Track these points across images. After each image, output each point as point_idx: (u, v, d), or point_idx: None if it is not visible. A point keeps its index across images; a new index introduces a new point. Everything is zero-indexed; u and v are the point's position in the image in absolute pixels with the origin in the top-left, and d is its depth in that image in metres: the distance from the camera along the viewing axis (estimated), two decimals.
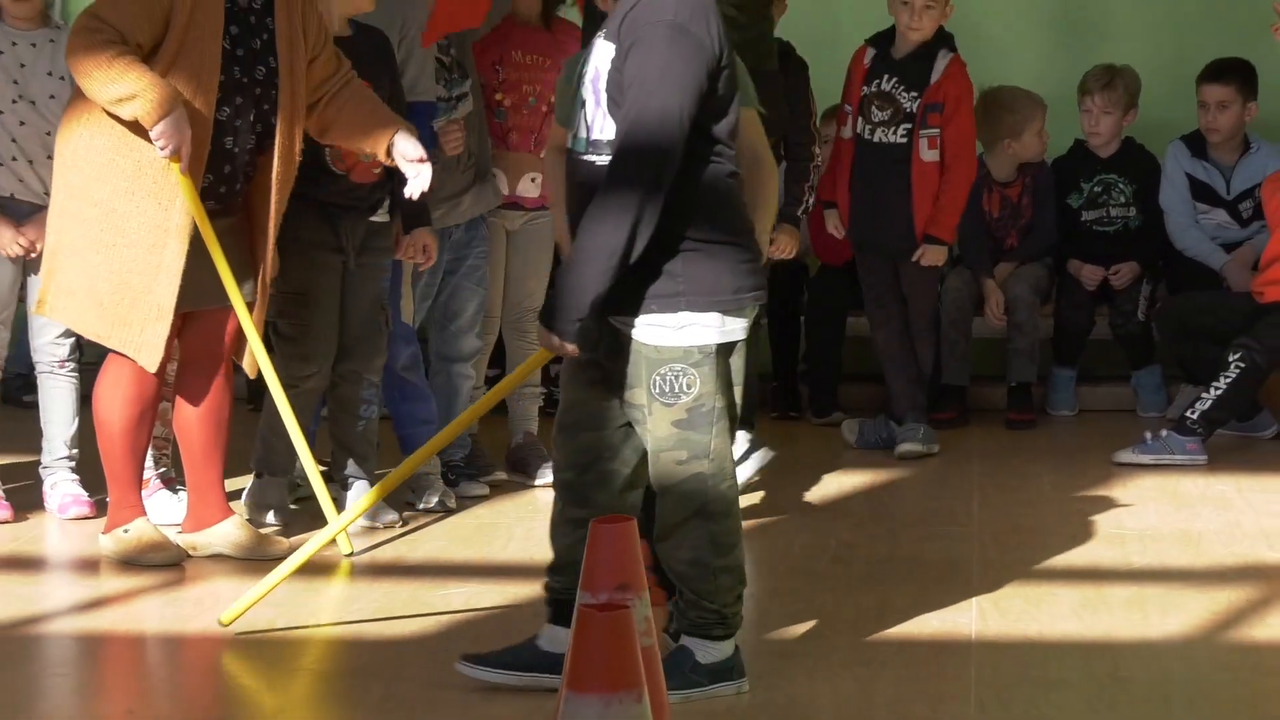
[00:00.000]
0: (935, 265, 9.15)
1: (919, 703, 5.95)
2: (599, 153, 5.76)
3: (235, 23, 7.03)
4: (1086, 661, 6.34)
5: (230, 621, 6.46)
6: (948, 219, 9.06)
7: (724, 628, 5.91)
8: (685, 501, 5.86)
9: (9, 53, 7.74)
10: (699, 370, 5.76)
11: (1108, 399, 10.13)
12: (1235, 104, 9.95)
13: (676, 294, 5.72)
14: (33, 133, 7.66)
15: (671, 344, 5.75)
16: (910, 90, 9.02)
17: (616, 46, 5.73)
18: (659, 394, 5.78)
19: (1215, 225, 10.02)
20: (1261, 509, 8.26)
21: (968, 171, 9.12)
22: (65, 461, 7.94)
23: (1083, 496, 8.45)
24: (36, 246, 7.67)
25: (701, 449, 5.82)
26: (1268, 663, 6.38)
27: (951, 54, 9.07)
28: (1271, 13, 9.27)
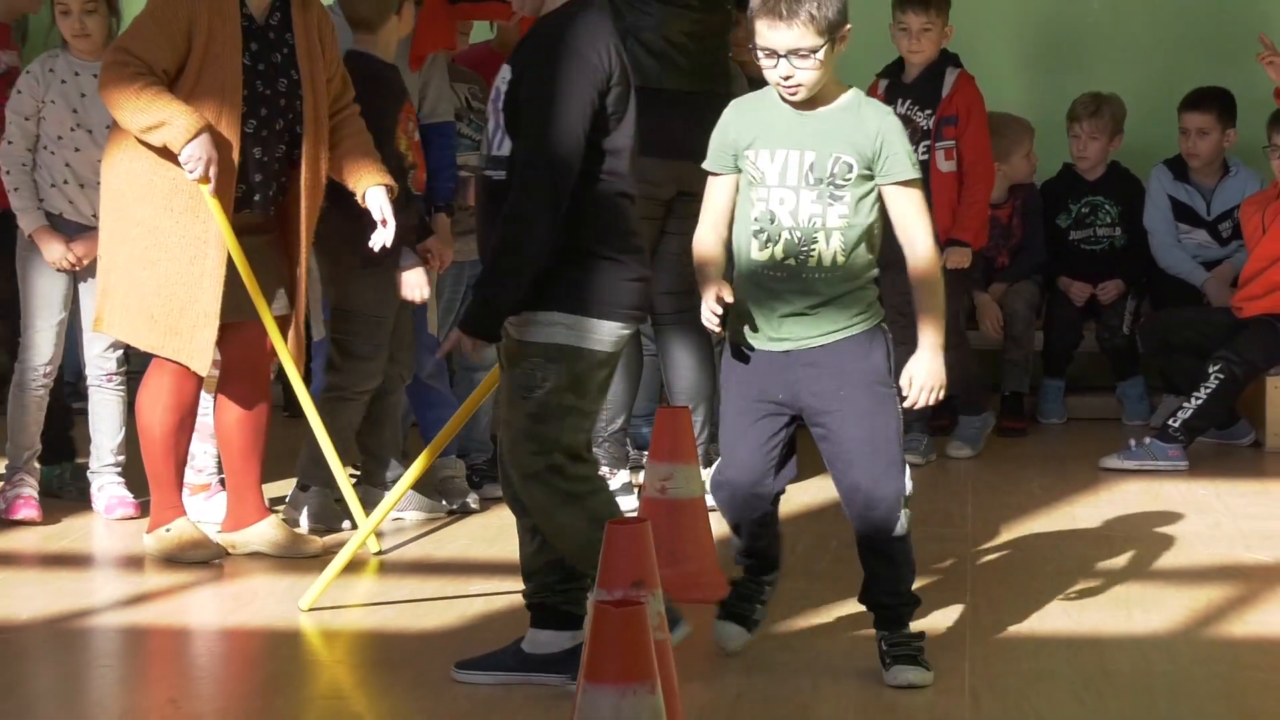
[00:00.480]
0: (960, 267, 9.06)
1: (917, 695, 5.95)
2: (498, 169, 5.81)
3: (254, 39, 7.07)
4: (1074, 655, 6.35)
5: (311, 606, 6.62)
6: (969, 221, 9.03)
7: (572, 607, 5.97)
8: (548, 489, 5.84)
9: (71, 82, 7.76)
10: (552, 367, 5.76)
11: (1094, 408, 10.13)
12: (1215, 131, 9.96)
13: (547, 295, 5.75)
14: (86, 159, 7.69)
15: (532, 339, 5.77)
16: (924, 109, 9.02)
17: (513, 69, 5.79)
18: (515, 388, 5.80)
19: (1196, 244, 10.03)
20: (1239, 512, 8.27)
21: (985, 177, 9.11)
22: (112, 467, 7.96)
23: (1071, 500, 8.45)
24: (83, 261, 7.71)
25: (552, 443, 5.80)
26: (1245, 657, 6.38)
27: (959, 70, 9.07)
28: (1250, 43, 9.29)
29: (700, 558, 6.93)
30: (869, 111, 5.86)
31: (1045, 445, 9.63)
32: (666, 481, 6.87)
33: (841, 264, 5.86)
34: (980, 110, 9.10)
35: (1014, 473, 8.95)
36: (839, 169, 5.79)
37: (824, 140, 5.80)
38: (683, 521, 6.87)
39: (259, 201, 7.13)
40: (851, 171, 5.79)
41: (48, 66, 7.81)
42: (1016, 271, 10.03)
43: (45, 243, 7.73)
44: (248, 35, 7.04)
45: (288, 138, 7.13)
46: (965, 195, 9.00)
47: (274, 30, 7.11)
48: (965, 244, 9.05)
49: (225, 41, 6.97)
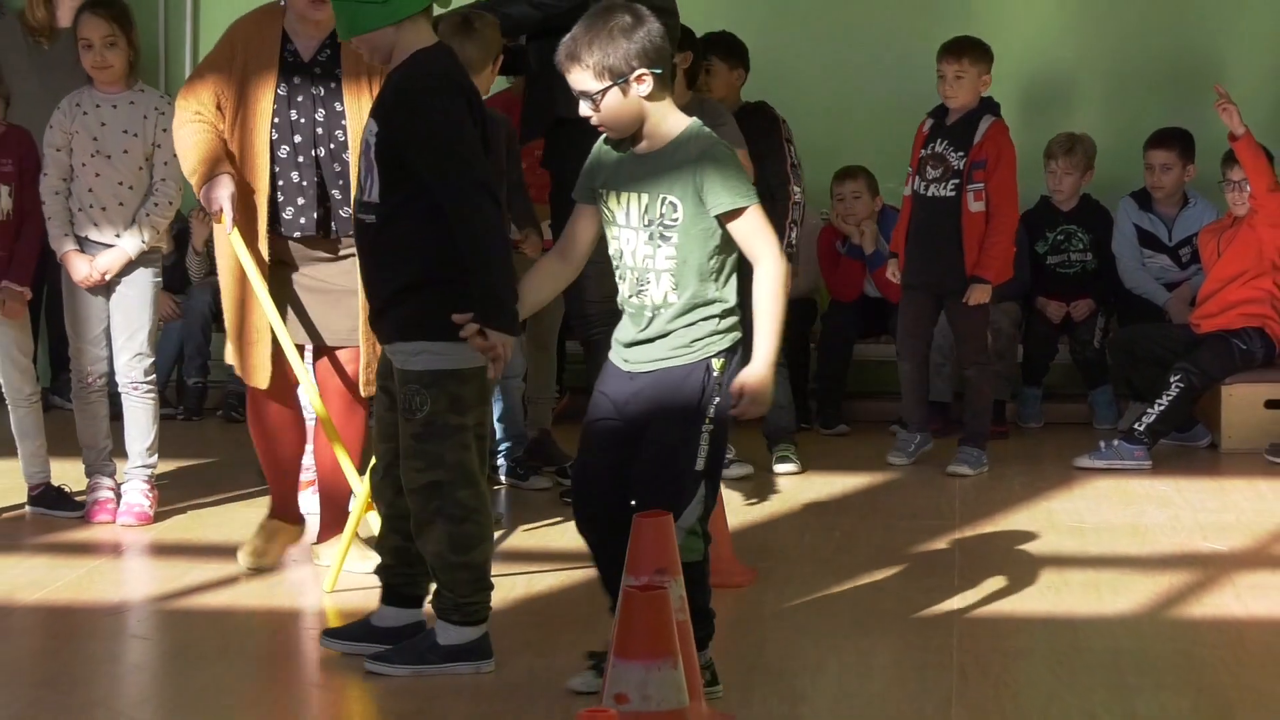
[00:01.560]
0: (982, 303, 8.92)
1: (910, 669, 5.96)
2: (368, 213, 5.78)
3: (296, 73, 6.73)
4: (1051, 634, 6.33)
5: (332, 588, 6.58)
6: (991, 260, 8.87)
7: (460, 614, 5.78)
8: (426, 504, 5.77)
9: (92, 113, 7.72)
10: (430, 391, 5.70)
11: (1068, 414, 10.09)
12: (1176, 166, 9.94)
13: (417, 323, 5.71)
14: (106, 183, 7.62)
15: (408, 368, 5.74)
16: (958, 150, 8.92)
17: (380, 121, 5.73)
18: (402, 410, 5.76)
19: (1159, 268, 10.00)
20: (1198, 506, 8.24)
21: (1009, 220, 8.94)
22: (141, 470, 7.75)
23: (1048, 495, 8.42)
24: (107, 276, 7.69)
25: (436, 460, 5.74)
26: (1203, 636, 6.36)
27: (994, 119, 8.94)
28: (1205, 89, 9.27)
29: (717, 546, 6.83)
30: (692, 147, 5.44)
31: (1025, 447, 9.59)
32: None
33: (672, 303, 5.43)
34: (1010, 157, 8.93)
35: (997, 471, 8.91)
36: (665, 210, 5.42)
37: (653, 182, 5.45)
38: None
39: (304, 223, 6.74)
40: (677, 211, 5.40)
41: (74, 101, 7.76)
42: (1002, 293, 10.00)
43: (73, 264, 7.67)
44: (289, 69, 6.75)
45: (337, 166, 6.76)
46: (989, 236, 8.83)
47: (321, 65, 6.75)
48: (986, 281, 8.89)
49: (261, 74, 6.73)
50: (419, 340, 5.72)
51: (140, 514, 7.71)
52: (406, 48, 5.74)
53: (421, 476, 5.76)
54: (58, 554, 7.20)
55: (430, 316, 5.68)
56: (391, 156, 5.71)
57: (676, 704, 4.63)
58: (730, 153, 5.46)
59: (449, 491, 5.75)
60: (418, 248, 5.72)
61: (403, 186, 5.71)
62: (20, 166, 7.77)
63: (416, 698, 5.60)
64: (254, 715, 5.61)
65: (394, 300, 5.75)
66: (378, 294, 5.83)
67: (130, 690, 5.89)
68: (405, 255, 5.74)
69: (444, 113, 5.66)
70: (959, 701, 5.64)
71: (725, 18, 9.30)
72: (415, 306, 5.71)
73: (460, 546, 5.77)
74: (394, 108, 5.72)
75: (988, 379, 9.04)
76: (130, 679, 5.96)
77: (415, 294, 5.71)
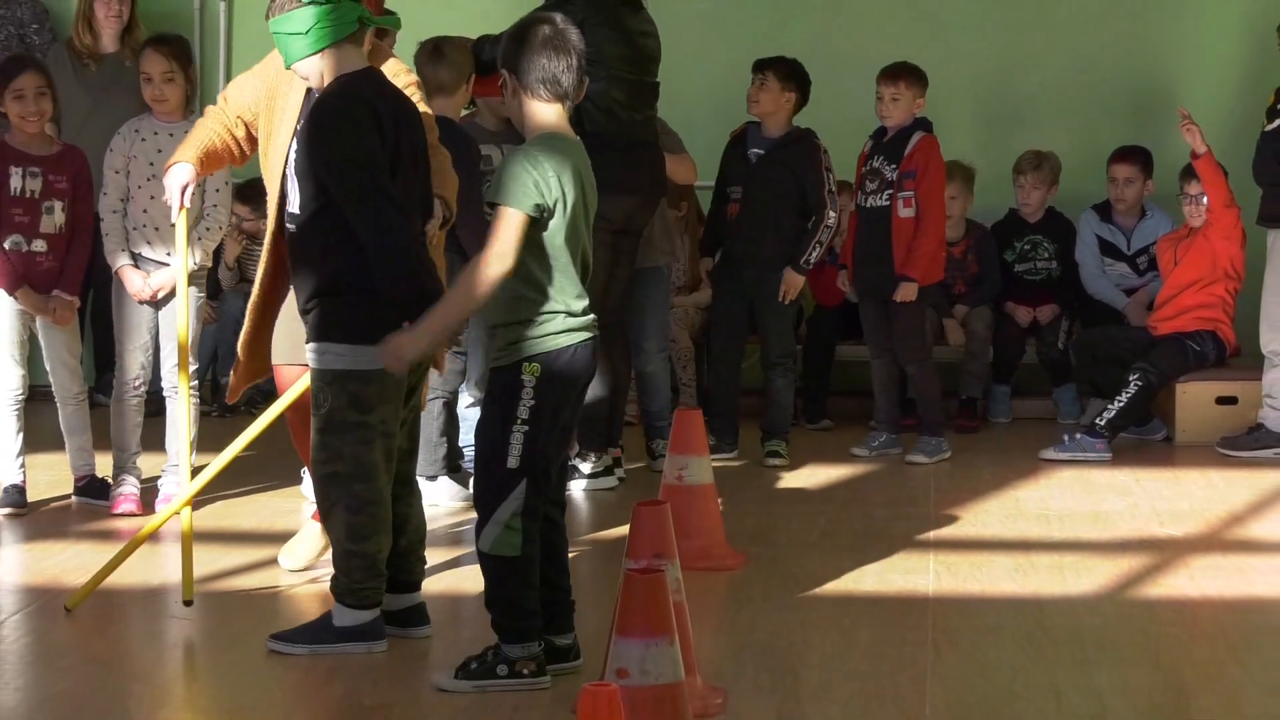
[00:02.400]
0: (908, 300, 8.90)
1: (889, 645, 5.94)
2: (291, 223, 5.81)
3: None
4: (1018, 613, 6.33)
5: (75, 605, 6.16)
6: (918, 260, 8.86)
7: (354, 599, 5.73)
8: (328, 494, 5.75)
9: (150, 140, 7.72)
10: (331, 389, 5.66)
11: (1035, 409, 10.09)
12: (1138, 180, 9.94)
13: (324, 326, 5.71)
14: (160, 205, 7.52)
15: (314, 366, 5.74)
16: (890, 163, 8.95)
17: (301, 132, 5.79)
18: (313, 406, 5.74)
19: (1118, 275, 10.00)
20: (1154, 494, 8.24)
21: (935, 224, 8.94)
22: (176, 467, 7.65)
23: (1015, 485, 8.42)
24: (160, 293, 7.70)
25: (335, 453, 5.69)
26: (1161, 615, 6.36)
27: (925, 134, 8.95)
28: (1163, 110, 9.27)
29: (710, 533, 6.91)
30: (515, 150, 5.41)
31: (994, 440, 9.60)
32: (683, 470, 6.85)
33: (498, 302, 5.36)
34: (937, 168, 8.96)
35: (968, 462, 8.92)
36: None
37: None
38: (695, 504, 6.84)
39: None
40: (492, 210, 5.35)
41: (134, 127, 7.78)
42: (976, 299, 10.01)
43: (128, 278, 7.67)
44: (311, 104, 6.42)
45: None
46: (917, 238, 8.86)
47: None
48: (913, 280, 8.91)
49: (288, 106, 6.37)
50: (325, 341, 5.69)
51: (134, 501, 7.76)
52: (332, 73, 5.75)
53: (323, 468, 5.74)
54: (101, 540, 7.20)
55: (333, 320, 5.69)
56: (306, 170, 5.72)
57: (673, 678, 4.63)
58: (526, 160, 5.28)
59: (346, 483, 5.70)
60: (329, 255, 5.70)
61: (317, 199, 5.70)
62: (74, 183, 7.78)
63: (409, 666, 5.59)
64: (281, 689, 5.60)
65: (309, 304, 5.75)
66: (299, 298, 5.84)
67: (168, 666, 5.90)
68: (318, 262, 5.73)
69: (345, 129, 5.63)
70: (934, 675, 5.63)
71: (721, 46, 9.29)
72: (324, 310, 5.70)
73: (356, 535, 5.72)
74: (306, 125, 5.77)
75: (928, 373, 9.04)
76: (168, 655, 5.96)
77: (325, 299, 5.70)
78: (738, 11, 10.51)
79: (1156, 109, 10.28)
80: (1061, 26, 10.52)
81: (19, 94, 7.72)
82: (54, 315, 7.75)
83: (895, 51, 9.31)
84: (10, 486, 7.75)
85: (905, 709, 5.35)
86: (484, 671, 5.39)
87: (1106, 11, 10.49)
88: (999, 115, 10.55)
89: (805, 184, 8.82)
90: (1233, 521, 7.71)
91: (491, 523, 5.34)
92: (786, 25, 10.45)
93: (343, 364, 5.66)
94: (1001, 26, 10.57)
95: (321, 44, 5.74)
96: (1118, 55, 10.49)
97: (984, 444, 9.43)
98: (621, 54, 8.18)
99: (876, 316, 9.09)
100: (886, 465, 8.89)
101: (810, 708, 5.37)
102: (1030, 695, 5.48)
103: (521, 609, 5.41)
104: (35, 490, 7.90)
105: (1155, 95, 10.40)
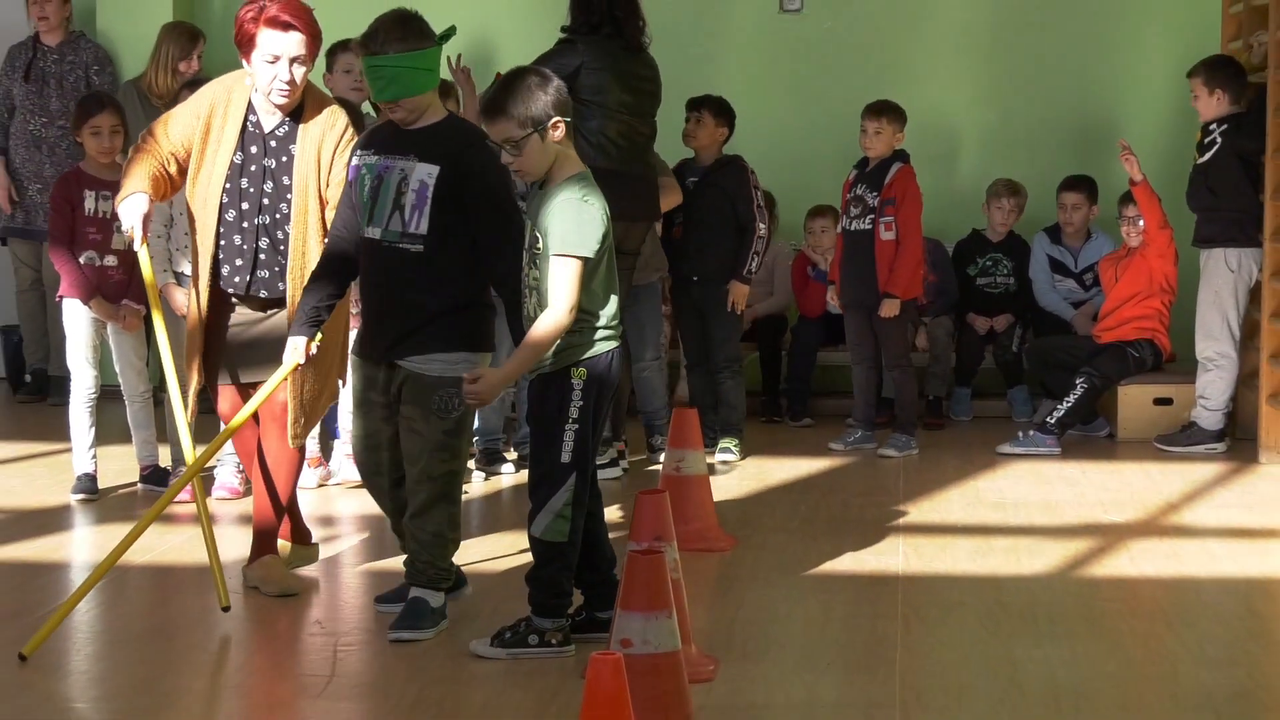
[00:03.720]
0: (893, 315, 8.87)
1: (862, 619, 5.93)
2: (419, 244, 5.54)
3: (254, 143, 6.01)
4: (978, 590, 6.31)
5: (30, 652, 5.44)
6: (898, 279, 8.83)
7: (447, 582, 5.70)
8: (441, 489, 5.60)
9: None
10: (461, 395, 5.46)
11: (992, 409, 10.07)
12: (1084, 206, 9.93)
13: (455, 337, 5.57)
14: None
15: (448, 374, 5.53)
16: (872, 191, 8.93)
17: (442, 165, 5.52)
18: (436, 410, 5.54)
19: (1067, 290, 9.98)
20: (1098, 485, 8.22)
21: (914, 246, 8.88)
22: (233, 456, 7.62)
23: (975, 476, 8.40)
24: None
25: (457, 452, 5.61)
26: (1104, 592, 6.36)
27: (903, 165, 8.90)
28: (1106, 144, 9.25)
29: (704, 518, 6.90)
30: (559, 193, 5.29)
31: (957, 436, 9.58)
32: (680, 463, 6.83)
33: (536, 319, 5.30)
34: (913, 196, 8.91)
35: (934, 456, 8.90)
36: (533, 239, 5.32)
37: (536, 215, 5.32)
38: (691, 492, 6.83)
39: (238, 282, 6.06)
40: (538, 243, 5.29)
41: None
42: (938, 309, 9.99)
43: (171, 295, 7.59)
44: (248, 139, 6.01)
45: (279, 234, 6.02)
46: (898, 259, 8.84)
47: (279, 140, 6.02)
48: (895, 296, 8.87)
49: (223, 139, 6.02)
50: (461, 350, 5.57)
51: (232, 489, 7.71)
52: (436, 112, 5.63)
53: (445, 466, 5.60)
54: (163, 523, 7.17)
55: (464, 331, 5.60)
56: (446, 197, 5.52)
57: (671, 647, 4.62)
58: (581, 206, 5.25)
59: (458, 480, 5.67)
60: (460, 275, 5.58)
61: (454, 223, 5.55)
62: None
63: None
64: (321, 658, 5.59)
65: (429, 318, 5.56)
66: (418, 312, 5.57)
67: (221, 636, 5.87)
68: (448, 280, 5.57)
69: (502, 171, 5.51)
70: (903, 645, 5.62)
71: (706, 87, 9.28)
72: (454, 322, 5.57)
73: (456, 524, 5.69)
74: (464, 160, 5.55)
75: (909, 378, 9.01)
76: (221, 627, 5.93)
77: (455, 313, 5.57)
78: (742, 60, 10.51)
79: (1100, 143, 10.29)
80: (1018, 70, 10.52)
81: (96, 130, 7.73)
82: (123, 322, 7.75)
83: (872, 93, 9.31)
84: (84, 475, 7.75)
85: (877, 675, 5.33)
86: (516, 640, 5.39)
87: (1057, 58, 10.49)
88: (961, 147, 10.54)
89: (737, 203, 8.76)
90: (1168, 509, 7.69)
91: (545, 511, 5.34)
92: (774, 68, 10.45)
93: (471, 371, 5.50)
94: (965, 70, 10.56)
95: (436, 82, 5.63)
96: (1067, 95, 10.49)
97: (947, 440, 9.41)
98: (620, 99, 8.11)
99: (859, 328, 9.08)
100: (861, 459, 8.87)
101: (792, 674, 5.35)
102: (988, 663, 5.47)
103: (560, 588, 5.42)
104: (105, 478, 7.90)
105: (1099, 130, 10.40)
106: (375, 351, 5.67)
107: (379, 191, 5.59)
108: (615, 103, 8.08)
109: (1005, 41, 10.49)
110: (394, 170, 5.57)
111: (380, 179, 5.59)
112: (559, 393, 5.32)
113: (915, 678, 5.32)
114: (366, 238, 5.62)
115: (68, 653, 5.56)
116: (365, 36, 5.56)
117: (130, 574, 6.37)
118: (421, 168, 5.55)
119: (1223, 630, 5.89)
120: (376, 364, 5.67)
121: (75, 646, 5.63)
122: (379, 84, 5.55)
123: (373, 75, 5.55)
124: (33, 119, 10.10)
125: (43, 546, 6.89)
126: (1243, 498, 7.93)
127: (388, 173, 5.58)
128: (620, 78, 8.12)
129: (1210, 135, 8.99)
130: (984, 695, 5.17)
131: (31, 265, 10.20)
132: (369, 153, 5.66)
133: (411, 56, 5.51)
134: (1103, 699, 5.17)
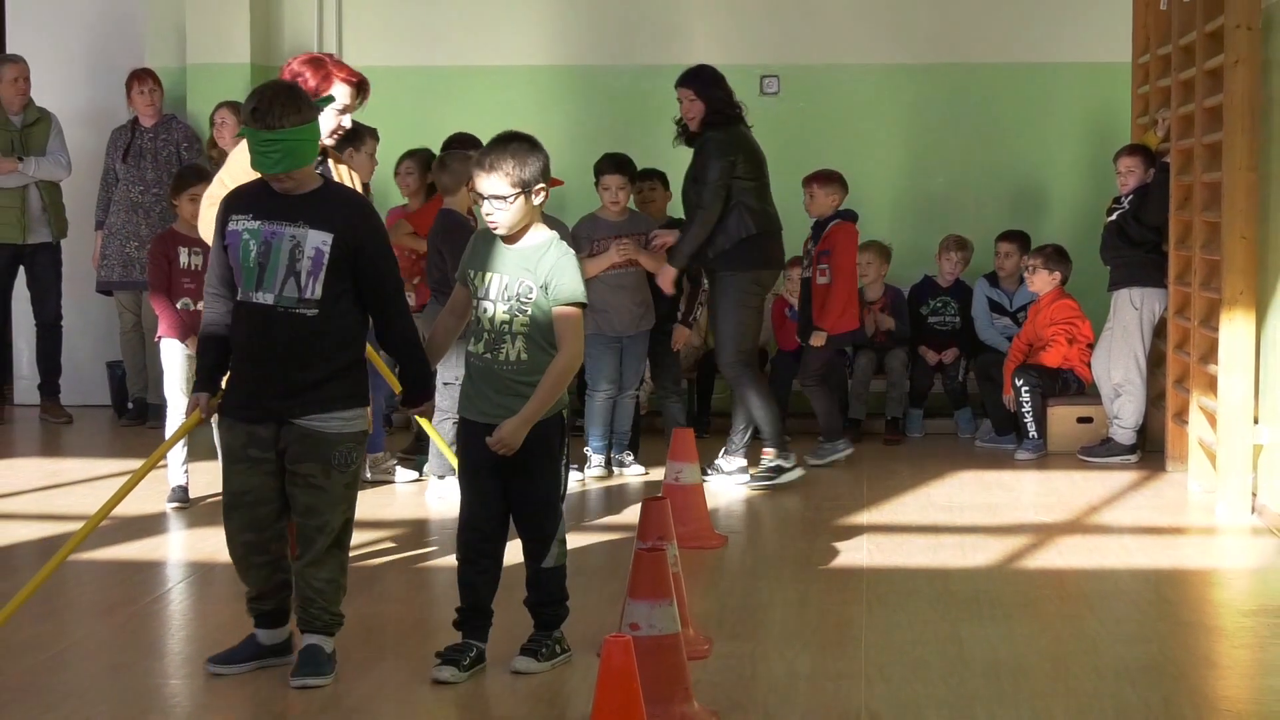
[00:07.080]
0: (818, 346, 8.82)
1: (833, 604, 5.94)
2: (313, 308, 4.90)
3: None
4: (931, 580, 6.32)
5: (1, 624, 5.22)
6: (827, 315, 8.77)
7: (339, 627, 5.08)
8: (334, 539, 4.98)
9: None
10: (360, 449, 4.99)
11: (940, 427, 10.06)
12: (1015, 254, 9.95)
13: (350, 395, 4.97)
14: None
15: (346, 430, 4.96)
16: (814, 242, 8.96)
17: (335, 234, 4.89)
18: (336, 465, 4.95)
19: (1003, 326, 10.00)
20: (1032, 490, 8.23)
21: (844, 288, 8.82)
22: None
23: (928, 483, 8.38)
24: None
25: (352, 502, 5.03)
26: (1037, 581, 6.35)
27: (840, 221, 8.88)
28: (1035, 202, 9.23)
29: (699, 521, 6.89)
30: (552, 250, 5.00)
31: (911, 450, 9.57)
32: (679, 474, 6.83)
33: (525, 360, 4.99)
34: (847, 247, 8.84)
35: (891, 467, 8.89)
36: (522, 289, 4.97)
37: (517, 267, 5.01)
38: (688, 499, 6.82)
39: None
40: (531, 292, 4.97)
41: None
42: (893, 343, 9.99)
43: None
44: None
45: None
46: (829, 299, 8.80)
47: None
48: (823, 330, 8.78)
49: None
50: (357, 408, 4.99)
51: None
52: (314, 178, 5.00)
53: (343, 515, 4.98)
54: None
55: (355, 390, 5.00)
56: (337, 263, 4.90)
57: (673, 630, 4.62)
58: (575, 261, 5.02)
59: (351, 527, 5.07)
60: (352, 338, 4.98)
61: (346, 288, 4.94)
62: None
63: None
64: (371, 648, 5.59)
65: (327, 376, 4.93)
66: (313, 372, 4.92)
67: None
68: (342, 343, 4.95)
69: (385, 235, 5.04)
70: (867, 626, 5.64)
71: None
72: (348, 381, 4.97)
73: (345, 570, 5.08)
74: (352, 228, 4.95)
75: (819, 395, 8.87)
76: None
77: (347, 372, 4.97)
78: None
79: (1030, 200, 10.32)
80: (960, 139, 10.53)
81: (194, 197, 7.76)
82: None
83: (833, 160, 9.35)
84: (177, 487, 7.76)
85: (845, 652, 5.35)
86: (551, 653, 5.15)
87: (992, 129, 10.50)
88: (914, 205, 10.57)
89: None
90: (1090, 510, 7.69)
91: (555, 542, 5.10)
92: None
93: (364, 425, 5.02)
94: (914, 139, 10.59)
95: (318, 149, 5.04)
96: (1001, 161, 10.50)
97: (904, 453, 9.42)
98: (762, 173, 8.23)
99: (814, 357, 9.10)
100: (830, 471, 8.85)
101: (773, 650, 5.36)
102: (939, 641, 5.48)
103: (565, 595, 5.23)
104: (195, 490, 7.88)
105: (1029, 191, 10.43)
106: (259, 411, 4.95)
107: (268, 257, 4.90)
108: (763, 176, 8.22)
109: (953, 118, 10.51)
110: (283, 237, 4.89)
111: (268, 245, 4.90)
112: (557, 432, 5.06)
113: (877, 654, 5.33)
114: (255, 302, 4.90)
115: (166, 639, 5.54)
116: (256, 111, 4.86)
117: (215, 570, 6.36)
118: (314, 234, 4.88)
119: (1136, 612, 5.89)
120: (257, 422, 4.96)
121: (172, 627, 5.61)
122: (273, 157, 4.84)
123: (266, 149, 4.84)
124: (132, 188, 10.16)
125: (142, 547, 6.90)
126: (1153, 500, 7.93)
127: (276, 239, 4.89)
128: (755, 155, 8.23)
129: (1120, 203, 9.08)
130: (935, 668, 5.18)
131: (133, 310, 10.24)
132: (248, 218, 4.94)
133: (304, 129, 4.87)
134: (1036, 670, 5.18)
